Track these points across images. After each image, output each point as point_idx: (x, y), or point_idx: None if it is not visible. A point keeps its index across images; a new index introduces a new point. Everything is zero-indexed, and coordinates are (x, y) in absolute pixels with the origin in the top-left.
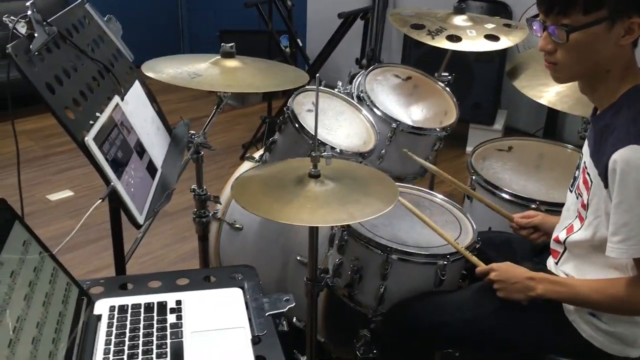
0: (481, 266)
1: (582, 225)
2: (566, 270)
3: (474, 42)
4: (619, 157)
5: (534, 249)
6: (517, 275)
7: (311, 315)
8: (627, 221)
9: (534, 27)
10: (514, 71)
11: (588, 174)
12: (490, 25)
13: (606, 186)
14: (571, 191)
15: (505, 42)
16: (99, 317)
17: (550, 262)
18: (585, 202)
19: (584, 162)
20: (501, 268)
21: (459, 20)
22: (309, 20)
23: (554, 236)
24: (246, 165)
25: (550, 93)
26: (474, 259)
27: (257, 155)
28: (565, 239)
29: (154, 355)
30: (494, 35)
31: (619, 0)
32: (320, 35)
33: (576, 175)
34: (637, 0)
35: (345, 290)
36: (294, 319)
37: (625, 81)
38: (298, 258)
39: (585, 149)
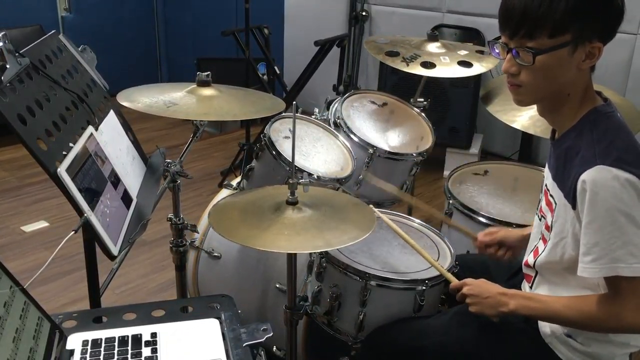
0: (455, 281)
1: (545, 247)
2: (540, 293)
3: (447, 69)
4: (588, 177)
5: (511, 272)
6: (490, 290)
7: (291, 343)
8: (598, 240)
9: (496, 50)
10: (487, 96)
11: (551, 196)
12: (463, 52)
13: (574, 207)
14: (535, 213)
15: (478, 68)
16: (71, 352)
17: (525, 286)
18: (549, 223)
19: (546, 185)
20: (474, 283)
21: (433, 47)
22: (286, 47)
23: (523, 260)
24: (224, 193)
25: (524, 117)
26: (448, 275)
27: (234, 182)
28: (534, 262)
29: None
30: (467, 62)
31: (582, 25)
32: (298, 63)
33: (540, 197)
34: (599, 25)
35: (324, 318)
36: (274, 348)
37: (584, 104)
38: (277, 285)
39: (547, 171)
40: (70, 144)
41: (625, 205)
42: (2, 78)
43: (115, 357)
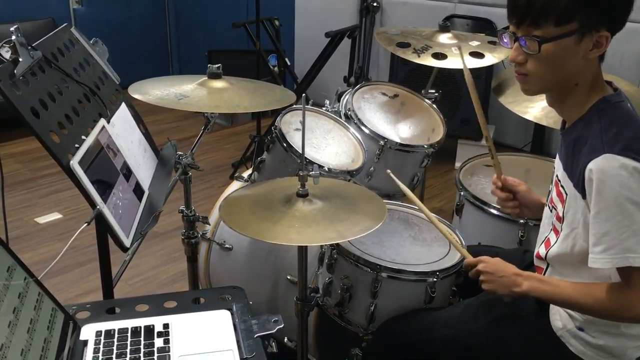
0: (469, 258)
1: (557, 238)
2: (555, 278)
3: (459, 60)
4: (595, 166)
5: (522, 265)
6: (505, 269)
7: (301, 335)
8: (608, 230)
9: (504, 40)
10: (499, 87)
11: (562, 186)
12: (475, 43)
13: (584, 197)
14: (546, 205)
15: (490, 58)
16: (85, 342)
17: None
18: (561, 214)
19: (557, 176)
20: (490, 261)
21: (444, 38)
22: (297, 39)
23: (535, 252)
24: (235, 185)
25: (536, 109)
26: (464, 251)
27: (245, 174)
28: (546, 254)
29: None
30: (479, 53)
31: (589, 13)
32: (308, 54)
33: (550, 189)
34: (606, 14)
35: (335, 309)
36: (285, 339)
37: (593, 94)
38: (288, 277)
39: (557, 162)
40: (83, 137)
41: (633, 193)
42: (15, 71)
43: (128, 347)
